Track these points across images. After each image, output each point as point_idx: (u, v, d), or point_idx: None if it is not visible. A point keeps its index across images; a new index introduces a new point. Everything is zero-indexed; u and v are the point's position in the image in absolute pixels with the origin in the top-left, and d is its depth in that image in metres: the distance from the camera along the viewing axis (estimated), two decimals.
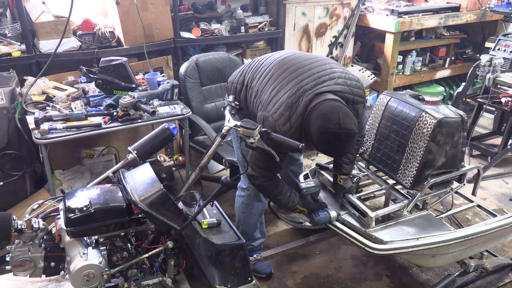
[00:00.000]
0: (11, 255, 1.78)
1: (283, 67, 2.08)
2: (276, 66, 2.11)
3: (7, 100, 2.66)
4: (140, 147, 2.05)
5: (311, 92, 1.95)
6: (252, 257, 2.52)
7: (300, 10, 4.08)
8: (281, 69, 2.08)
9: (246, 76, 2.23)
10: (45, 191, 2.92)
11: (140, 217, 1.85)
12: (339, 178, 2.38)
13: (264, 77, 2.11)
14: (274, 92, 2.01)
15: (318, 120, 1.87)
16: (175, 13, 3.45)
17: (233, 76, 2.33)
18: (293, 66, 2.07)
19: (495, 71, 3.55)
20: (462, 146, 2.32)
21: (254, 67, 2.22)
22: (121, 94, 2.83)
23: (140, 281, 1.87)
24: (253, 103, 2.14)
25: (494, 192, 3.50)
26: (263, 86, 2.08)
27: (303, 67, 2.05)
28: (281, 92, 1.98)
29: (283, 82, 2.01)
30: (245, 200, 2.47)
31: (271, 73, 2.09)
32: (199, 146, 3.16)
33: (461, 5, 4.62)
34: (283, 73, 2.05)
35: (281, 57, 2.15)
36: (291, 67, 2.06)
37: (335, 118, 1.83)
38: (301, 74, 2.02)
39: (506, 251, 2.81)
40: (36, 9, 3.05)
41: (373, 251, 2.08)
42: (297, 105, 1.94)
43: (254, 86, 2.14)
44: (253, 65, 2.25)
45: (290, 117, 1.94)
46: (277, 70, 2.08)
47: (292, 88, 1.97)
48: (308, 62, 2.08)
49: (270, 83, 2.06)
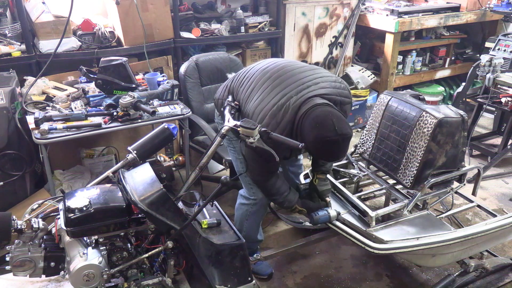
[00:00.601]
0: (11, 255, 1.78)
1: (265, 76, 2.06)
2: (258, 76, 2.09)
3: (7, 100, 2.66)
4: (140, 147, 2.05)
5: (298, 98, 1.92)
6: (252, 257, 2.53)
7: (300, 10, 4.08)
8: (263, 78, 2.06)
9: (231, 90, 2.21)
10: (45, 191, 2.92)
11: (140, 217, 1.84)
12: (316, 178, 2.31)
13: (248, 88, 2.09)
14: (258, 101, 1.99)
15: (313, 129, 1.84)
16: (175, 13, 3.45)
17: (218, 93, 2.32)
18: (276, 74, 2.05)
19: (495, 71, 3.55)
20: (462, 146, 2.33)
21: (238, 80, 2.21)
22: (121, 94, 2.83)
23: (140, 281, 1.87)
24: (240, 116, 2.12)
25: (494, 192, 3.50)
26: (247, 97, 2.07)
27: (285, 74, 2.03)
28: (265, 101, 1.96)
29: (266, 91, 1.99)
30: (251, 209, 2.43)
31: (254, 83, 2.07)
32: (199, 146, 3.15)
33: (461, 5, 4.62)
34: (266, 82, 2.03)
35: (263, 67, 2.13)
36: (274, 75, 2.04)
37: (329, 126, 1.81)
38: (284, 81, 2.00)
39: (506, 251, 2.81)
40: (36, 9, 3.05)
41: (373, 250, 2.08)
42: (284, 112, 1.91)
43: (240, 99, 2.12)
44: (236, 78, 2.23)
45: (278, 124, 1.91)
46: (260, 79, 2.07)
47: (276, 96, 1.95)
48: (290, 69, 2.07)
49: (254, 93, 2.04)
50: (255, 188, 2.34)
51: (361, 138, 2.68)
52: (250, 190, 2.38)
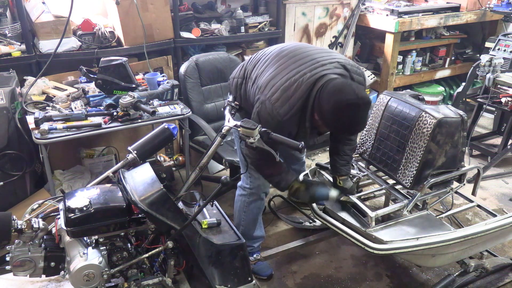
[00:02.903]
0: (11, 255, 1.78)
1: (281, 54, 2.09)
2: (274, 54, 2.12)
3: (7, 100, 2.66)
4: (140, 147, 2.05)
5: (312, 75, 1.93)
6: (252, 257, 2.53)
7: (300, 10, 4.08)
8: (279, 56, 2.08)
9: (247, 68, 2.23)
10: (45, 191, 2.92)
11: (140, 217, 1.84)
12: (339, 180, 2.36)
13: (263, 65, 2.11)
14: (271, 76, 2.00)
15: (332, 96, 1.84)
16: (175, 13, 3.45)
17: (235, 72, 2.33)
18: (292, 53, 2.07)
19: (495, 71, 3.55)
20: (462, 146, 2.32)
21: (254, 59, 2.23)
22: (121, 94, 2.83)
23: (140, 281, 1.87)
24: (252, 91, 2.13)
25: (494, 192, 3.50)
26: (261, 72, 2.08)
27: (301, 54, 2.06)
28: (279, 76, 1.98)
29: (281, 67, 2.01)
30: (247, 199, 2.45)
31: (269, 60, 2.10)
32: (199, 146, 3.16)
33: (461, 5, 4.62)
34: (281, 59, 2.05)
35: (280, 47, 2.16)
36: (290, 54, 2.07)
37: (349, 90, 1.83)
38: (299, 60, 2.02)
39: (506, 251, 2.81)
40: (36, 9, 3.05)
41: (373, 251, 2.08)
42: (297, 87, 1.92)
43: (253, 74, 2.14)
44: (253, 58, 2.25)
45: (289, 99, 1.92)
46: (275, 57, 2.09)
47: (290, 72, 1.97)
48: (307, 50, 2.09)
49: (268, 68, 2.06)
50: (253, 177, 2.35)
51: (361, 138, 2.68)
52: (248, 178, 2.39)
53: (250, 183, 2.40)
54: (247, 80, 2.20)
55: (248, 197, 2.45)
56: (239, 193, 2.51)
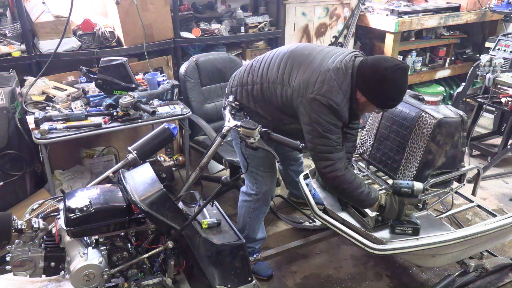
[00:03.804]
0: (11, 255, 1.78)
1: (298, 53, 2.14)
2: (291, 56, 2.14)
3: (7, 100, 2.66)
4: (140, 147, 2.05)
5: (346, 59, 2.00)
6: (252, 257, 2.53)
7: (300, 10, 4.08)
8: (298, 56, 2.12)
9: (258, 74, 2.20)
10: (45, 191, 2.92)
11: (140, 217, 1.85)
12: None
13: (285, 68, 2.12)
14: (306, 75, 2.02)
15: (378, 67, 1.92)
16: (175, 13, 3.45)
17: (239, 80, 2.27)
18: (309, 50, 2.13)
19: (495, 71, 3.55)
20: (462, 146, 2.32)
21: (263, 65, 2.21)
22: (121, 94, 2.83)
23: (140, 281, 1.87)
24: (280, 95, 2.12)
25: (494, 192, 3.50)
26: (288, 75, 2.09)
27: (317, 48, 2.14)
28: (315, 73, 2.00)
29: (307, 64, 2.05)
30: (253, 205, 2.43)
31: (290, 62, 2.11)
32: (199, 146, 3.16)
33: (461, 5, 4.62)
34: (301, 58, 2.10)
35: (291, 48, 2.19)
36: (309, 52, 2.12)
37: (390, 59, 1.95)
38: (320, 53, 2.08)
39: (506, 251, 2.81)
40: (36, 9, 3.05)
41: (373, 251, 2.08)
42: (339, 75, 1.97)
43: (277, 79, 2.12)
44: (258, 64, 2.23)
45: (340, 86, 1.97)
46: (295, 58, 2.12)
47: (324, 65, 2.00)
48: (317, 46, 2.19)
49: (295, 69, 2.07)
50: (260, 183, 2.34)
51: (361, 139, 2.68)
52: (254, 184, 2.37)
53: (257, 189, 2.38)
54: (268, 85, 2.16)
55: (254, 203, 2.43)
56: (243, 199, 2.48)
